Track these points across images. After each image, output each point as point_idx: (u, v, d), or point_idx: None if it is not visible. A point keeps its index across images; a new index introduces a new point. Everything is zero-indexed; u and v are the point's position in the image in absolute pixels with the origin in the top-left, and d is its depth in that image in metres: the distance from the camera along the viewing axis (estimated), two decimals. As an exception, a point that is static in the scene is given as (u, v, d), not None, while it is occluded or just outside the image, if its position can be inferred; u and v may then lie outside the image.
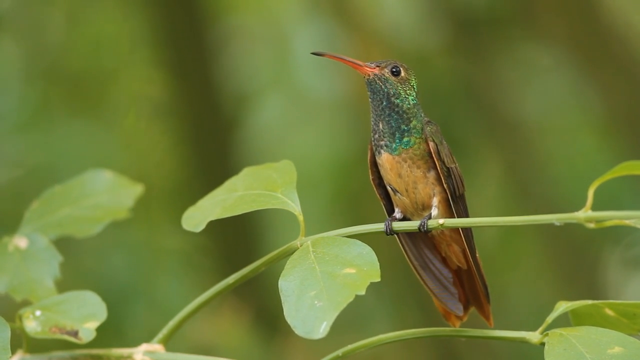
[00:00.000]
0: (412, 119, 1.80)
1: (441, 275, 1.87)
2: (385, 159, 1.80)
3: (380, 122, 1.80)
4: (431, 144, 1.78)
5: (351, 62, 1.85)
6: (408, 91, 1.82)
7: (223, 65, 4.32)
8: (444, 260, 1.87)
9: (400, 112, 1.80)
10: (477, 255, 1.83)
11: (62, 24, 4.41)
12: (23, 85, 4.32)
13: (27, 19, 4.27)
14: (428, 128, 1.79)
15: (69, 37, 4.41)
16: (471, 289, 1.86)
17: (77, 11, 4.44)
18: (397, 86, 1.81)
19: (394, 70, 1.83)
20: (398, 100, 1.81)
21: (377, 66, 1.84)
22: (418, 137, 1.79)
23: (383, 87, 1.81)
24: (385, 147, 1.79)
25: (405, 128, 1.79)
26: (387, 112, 1.81)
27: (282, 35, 4.75)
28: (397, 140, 1.79)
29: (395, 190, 1.81)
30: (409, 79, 1.83)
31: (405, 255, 1.85)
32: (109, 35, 4.50)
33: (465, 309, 1.87)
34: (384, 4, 4.61)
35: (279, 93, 4.81)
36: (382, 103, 1.81)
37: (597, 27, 4.02)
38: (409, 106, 1.81)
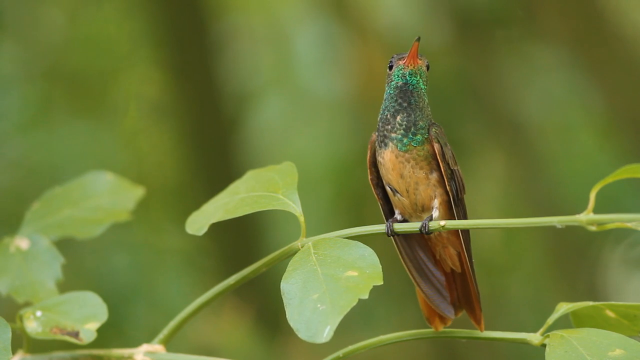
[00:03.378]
0: (427, 116, 1.79)
1: (434, 278, 1.86)
2: (388, 157, 1.78)
3: (399, 115, 1.78)
4: (436, 146, 1.77)
5: (415, 51, 1.81)
6: (426, 88, 1.82)
7: (224, 65, 4.33)
8: (438, 263, 1.86)
9: (423, 107, 1.79)
10: (473, 260, 1.82)
11: (63, 24, 4.41)
12: (24, 85, 4.32)
13: (28, 19, 4.27)
14: (433, 129, 1.78)
15: (70, 37, 4.42)
16: (464, 292, 1.86)
17: (77, 11, 4.44)
18: (426, 82, 1.81)
19: (428, 65, 1.82)
20: (425, 96, 1.80)
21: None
22: (425, 137, 1.78)
23: (421, 80, 1.80)
24: (394, 141, 1.78)
25: (421, 125, 1.78)
26: (413, 105, 1.79)
27: (283, 35, 4.75)
28: (411, 136, 1.78)
29: (395, 191, 1.80)
30: (428, 77, 1.83)
31: (400, 256, 1.85)
32: (110, 35, 4.50)
33: (455, 312, 1.86)
34: (385, 3, 4.61)
35: (280, 93, 4.81)
36: (413, 96, 1.79)
37: (600, 27, 4.02)
38: (427, 103, 1.80)
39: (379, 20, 4.55)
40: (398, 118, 1.78)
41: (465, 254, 1.80)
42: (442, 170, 1.77)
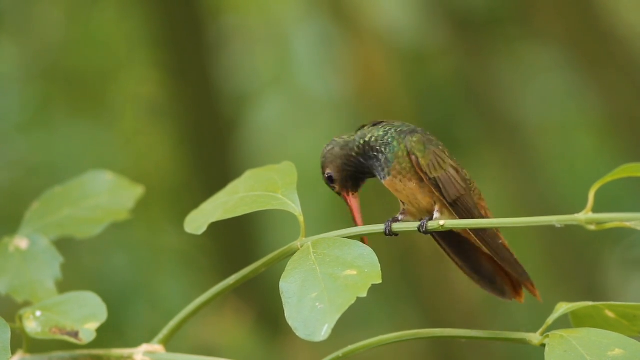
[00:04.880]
0: (381, 147, 1.78)
1: (487, 265, 1.86)
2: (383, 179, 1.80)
3: (364, 178, 1.82)
4: (412, 158, 1.77)
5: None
6: (355, 153, 1.81)
7: (222, 65, 4.33)
8: (480, 252, 1.86)
9: (377, 152, 1.79)
10: (502, 241, 1.80)
11: (63, 24, 4.41)
12: (23, 85, 4.33)
13: (27, 19, 4.27)
14: (408, 140, 1.77)
15: (69, 37, 4.42)
16: (511, 272, 1.85)
17: (77, 11, 4.44)
18: (342, 173, 1.82)
19: (328, 178, 1.83)
20: (358, 163, 1.80)
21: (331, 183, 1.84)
22: (398, 150, 1.77)
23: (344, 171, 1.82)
24: (382, 177, 1.79)
25: (382, 156, 1.78)
26: (369, 165, 1.80)
27: (281, 35, 4.75)
28: (386, 170, 1.78)
29: (402, 202, 1.81)
30: (339, 155, 1.82)
31: (447, 255, 1.85)
32: (108, 35, 4.50)
33: (519, 289, 1.86)
34: (383, 4, 4.61)
35: (279, 93, 4.82)
36: (358, 168, 1.81)
37: (597, 27, 4.03)
38: (368, 155, 1.80)
39: (377, 20, 4.55)
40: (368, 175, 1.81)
41: (485, 245, 1.79)
42: (425, 180, 1.76)
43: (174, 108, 4.35)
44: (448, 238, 1.85)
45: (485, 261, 1.86)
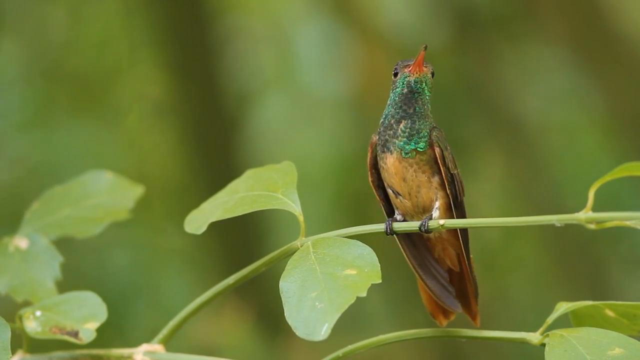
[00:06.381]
0: (430, 122, 1.78)
1: (438, 274, 1.87)
2: (391, 162, 1.78)
3: (403, 122, 1.78)
4: (437, 150, 1.76)
5: (421, 59, 1.79)
6: (430, 95, 1.80)
7: (225, 64, 4.33)
8: (438, 260, 1.87)
9: (426, 115, 1.78)
10: (471, 256, 1.83)
11: (65, 23, 4.42)
12: (24, 85, 4.33)
13: (29, 19, 4.27)
14: (434, 133, 1.77)
15: (72, 36, 4.42)
16: (461, 288, 1.87)
17: (79, 10, 4.44)
18: (431, 89, 1.79)
19: (433, 72, 1.79)
20: (429, 104, 1.78)
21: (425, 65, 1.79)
22: (426, 137, 1.77)
23: (426, 87, 1.79)
24: (398, 147, 1.77)
25: (425, 133, 1.77)
26: (418, 113, 1.78)
27: (284, 35, 4.75)
28: (414, 144, 1.77)
29: (397, 193, 1.80)
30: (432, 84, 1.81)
31: (404, 254, 1.85)
32: (111, 35, 4.51)
33: (462, 305, 1.88)
34: (386, 2, 4.61)
35: (282, 93, 4.82)
36: (418, 104, 1.78)
37: (600, 27, 4.02)
38: (430, 110, 1.79)
39: (381, 19, 4.55)
40: (402, 125, 1.77)
41: (465, 255, 1.80)
42: (443, 174, 1.77)
43: (177, 107, 4.35)
44: (411, 243, 1.86)
45: (440, 273, 1.87)
